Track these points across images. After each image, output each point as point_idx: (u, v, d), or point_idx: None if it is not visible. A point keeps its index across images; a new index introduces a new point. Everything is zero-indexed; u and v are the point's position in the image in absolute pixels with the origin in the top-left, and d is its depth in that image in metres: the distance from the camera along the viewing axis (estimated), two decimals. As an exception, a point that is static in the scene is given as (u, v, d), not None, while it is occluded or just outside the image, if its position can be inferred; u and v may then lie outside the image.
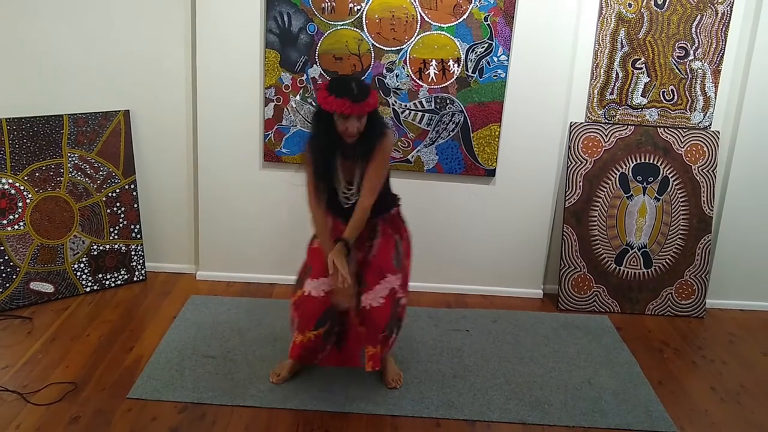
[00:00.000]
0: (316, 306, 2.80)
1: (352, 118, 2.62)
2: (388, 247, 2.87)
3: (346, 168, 2.80)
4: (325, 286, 2.79)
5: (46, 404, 2.79)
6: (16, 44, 3.66)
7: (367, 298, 2.78)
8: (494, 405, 2.95)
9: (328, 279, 2.74)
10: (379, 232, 2.88)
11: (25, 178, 3.54)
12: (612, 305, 3.89)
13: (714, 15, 3.63)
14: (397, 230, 2.95)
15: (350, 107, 2.58)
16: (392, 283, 2.84)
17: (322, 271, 2.79)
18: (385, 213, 2.89)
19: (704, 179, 3.82)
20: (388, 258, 2.85)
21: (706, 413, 3.00)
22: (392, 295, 2.83)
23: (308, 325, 2.83)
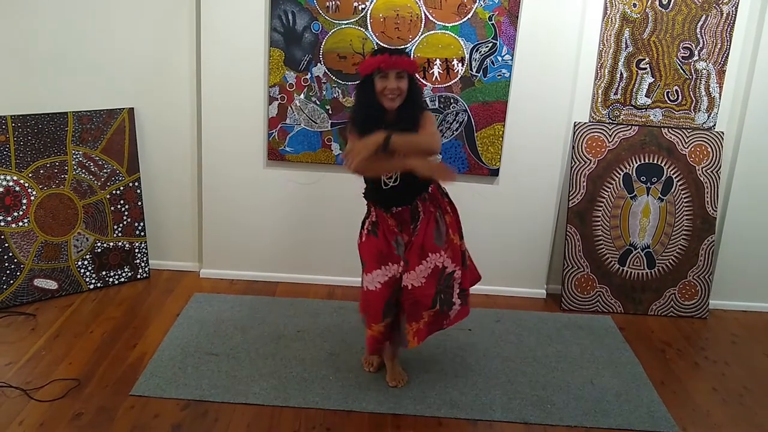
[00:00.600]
0: (375, 299, 2.82)
1: (391, 76, 2.65)
2: (429, 226, 2.83)
3: None
4: (380, 278, 2.80)
5: (50, 401, 2.80)
6: (21, 42, 3.67)
7: (408, 278, 2.79)
8: (496, 404, 2.95)
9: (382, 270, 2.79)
10: (420, 212, 2.84)
11: (30, 175, 3.55)
12: (615, 305, 3.89)
13: (719, 15, 3.62)
14: (438, 206, 2.88)
15: (388, 60, 2.63)
16: (435, 261, 2.82)
17: (373, 265, 2.82)
18: (423, 192, 2.84)
19: (708, 180, 3.81)
20: (429, 237, 2.82)
21: (708, 414, 3.00)
22: (435, 273, 2.82)
23: (375, 319, 2.84)
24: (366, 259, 2.88)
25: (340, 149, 3.76)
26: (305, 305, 3.71)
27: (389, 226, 2.85)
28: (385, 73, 2.65)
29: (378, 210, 2.86)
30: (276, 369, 3.10)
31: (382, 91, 2.67)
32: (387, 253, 2.83)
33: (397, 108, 2.70)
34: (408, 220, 2.84)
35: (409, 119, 2.72)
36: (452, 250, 2.88)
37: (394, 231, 2.84)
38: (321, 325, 3.52)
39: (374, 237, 2.85)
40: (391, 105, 2.69)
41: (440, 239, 2.85)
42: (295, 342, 3.34)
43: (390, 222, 2.84)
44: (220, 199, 3.89)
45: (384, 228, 2.84)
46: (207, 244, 3.99)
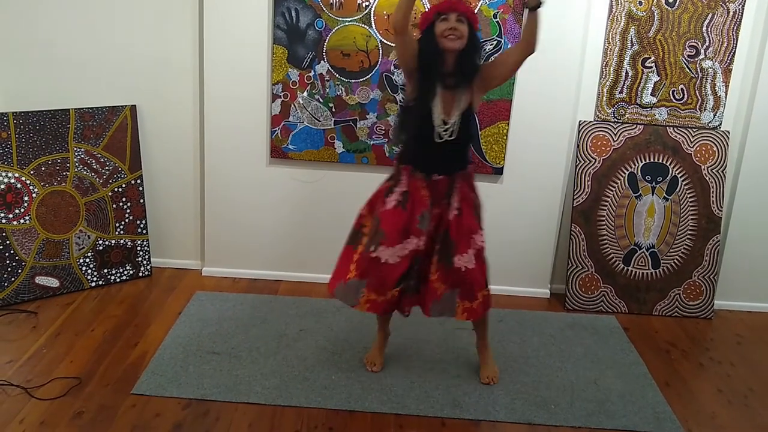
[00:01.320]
0: (393, 272, 2.81)
1: (451, 17, 2.66)
2: (469, 206, 2.85)
3: (447, 100, 2.76)
4: (399, 252, 2.80)
5: (50, 399, 2.78)
6: (23, 38, 3.66)
7: (461, 260, 2.80)
8: (500, 405, 2.93)
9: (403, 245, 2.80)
10: (456, 188, 2.83)
11: (32, 173, 3.54)
12: (619, 305, 3.86)
13: (725, 14, 3.60)
14: (472, 188, 2.92)
15: (449, 3, 2.67)
16: (479, 242, 2.86)
17: (396, 238, 2.80)
18: (463, 168, 2.87)
19: (714, 179, 3.78)
20: (471, 217, 2.85)
21: (714, 415, 2.98)
22: (480, 253, 2.86)
23: (388, 286, 2.84)
24: (388, 231, 2.81)
25: (343, 147, 3.74)
26: (308, 304, 3.69)
27: (421, 197, 2.82)
28: (446, 16, 2.67)
29: (413, 178, 2.83)
30: (278, 368, 3.08)
31: (443, 33, 2.67)
32: (410, 227, 2.82)
33: (457, 56, 2.71)
34: (443, 193, 2.82)
35: (468, 68, 2.75)
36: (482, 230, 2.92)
37: (425, 203, 2.81)
38: (323, 324, 3.50)
39: (401, 209, 2.81)
40: (452, 45, 2.68)
41: (480, 220, 2.89)
42: (298, 341, 3.32)
43: (423, 193, 2.82)
44: (222, 197, 3.87)
45: (415, 200, 2.82)
46: (209, 242, 3.97)
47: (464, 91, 2.77)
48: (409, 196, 2.83)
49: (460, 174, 2.86)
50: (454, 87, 2.76)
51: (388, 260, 2.82)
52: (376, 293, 2.85)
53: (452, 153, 2.82)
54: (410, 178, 2.84)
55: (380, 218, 2.85)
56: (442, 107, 2.76)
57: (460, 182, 2.86)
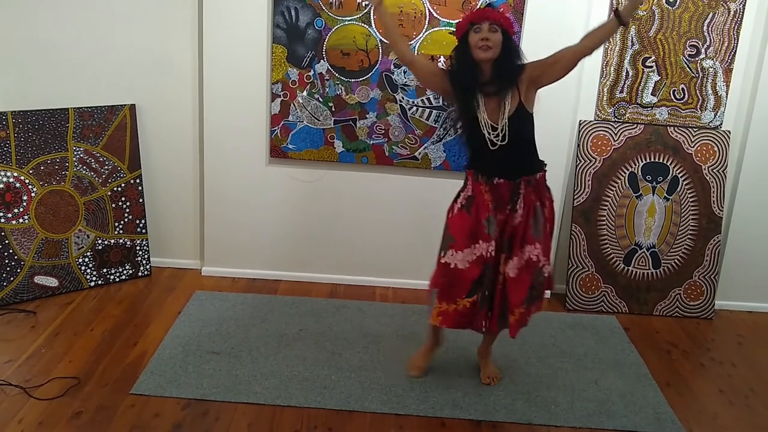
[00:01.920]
0: (465, 277, 2.79)
1: (483, 27, 2.64)
2: (528, 216, 2.79)
3: (490, 107, 2.73)
4: (469, 257, 2.78)
5: (49, 399, 2.77)
6: (22, 37, 3.65)
7: (508, 267, 2.77)
8: (500, 405, 2.92)
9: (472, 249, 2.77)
10: (521, 195, 2.77)
11: (30, 172, 3.53)
12: (620, 305, 3.85)
13: (726, 13, 3.59)
14: (539, 197, 2.82)
15: (479, 12, 2.67)
16: (530, 254, 2.79)
17: (464, 242, 2.78)
18: (530, 174, 2.79)
19: (714, 179, 3.77)
20: (527, 227, 2.79)
21: (715, 416, 2.97)
22: (530, 266, 2.80)
23: (460, 293, 2.81)
24: (456, 236, 2.80)
25: (343, 147, 3.73)
26: (307, 304, 3.68)
27: (484, 201, 2.78)
28: (478, 26, 2.65)
29: (476, 183, 2.80)
30: (277, 368, 3.07)
31: (476, 43, 2.66)
32: (477, 231, 2.78)
33: (493, 64, 2.69)
34: (506, 198, 2.78)
35: (506, 75, 2.71)
36: (544, 244, 2.84)
37: (488, 207, 2.78)
38: (323, 324, 3.49)
39: (467, 213, 2.80)
40: (485, 56, 2.66)
41: (537, 231, 2.80)
42: (297, 341, 3.31)
43: (486, 197, 2.78)
44: (221, 196, 3.86)
45: (478, 203, 2.79)
46: (209, 242, 3.96)
47: (509, 94, 2.72)
48: (473, 200, 2.81)
49: (526, 179, 2.78)
50: (496, 93, 2.73)
51: (457, 265, 2.79)
52: (447, 302, 2.83)
53: (510, 156, 2.75)
54: (474, 183, 2.82)
55: (449, 224, 2.86)
56: (488, 113, 2.73)
57: (526, 188, 2.78)
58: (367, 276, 3.97)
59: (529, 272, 2.80)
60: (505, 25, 2.69)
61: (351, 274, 3.97)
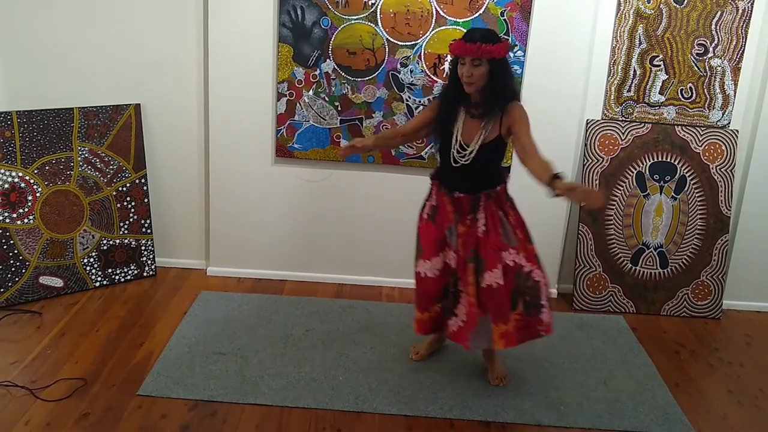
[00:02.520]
0: (432, 286, 2.90)
1: (467, 61, 2.64)
2: (495, 225, 2.81)
3: (469, 127, 2.76)
4: (437, 265, 2.87)
5: (56, 400, 2.76)
6: (27, 37, 3.63)
7: (490, 277, 2.77)
8: (509, 406, 2.90)
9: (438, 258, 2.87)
10: (481, 207, 2.80)
11: (35, 172, 3.51)
12: (627, 305, 3.84)
13: (734, 11, 3.57)
14: (500, 206, 2.85)
15: (460, 47, 2.64)
16: (507, 260, 2.80)
17: (431, 252, 2.88)
18: (490, 188, 2.82)
19: (722, 179, 3.76)
20: (497, 235, 2.81)
21: (725, 417, 2.95)
22: (509, 271, 2.80)
23: (430, 303, 2.94)
24: (423, 245, 2.91)
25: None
26: (313, 304, 3.67)
27: (447, 212, 2.85)
28: (462, 60, 2.66)
29: (440, 193, 2.87)
30: (285, 369, 3.06)
31: (461, 76, 2.68)
32: (442, 240, 2.87)
33: (481, 90, 2.70)
34: (467, 209, 2.82)
35: (492, 102, 2.72)
36: (525, 250, 2.84)
37: (450, 218, 2.85)
38: (329, 324, 3.47)
39: (432, 224, 2.89)
40: (468, 90, 2.70)
41: (509, 238, 2.82)
42: (304, 341, 3.29)
43: (448, 208, 2.84)
44: (227, 196, 3.85)
45: (442, 214, 2.86)
46: (214, 242, 3.95)
47: (490, 122, 2.74)
48: (437, 210, 2.88)
49: (486, 193, 2.81)
50: (480, 117, 2.75)
51: (426, 274, 2.89)
52: (421, 310, 2.96)
53: (472, 176, 2.80)
54: (438, 193, 2.89)
55: (419, 233, 2.96)
56: (464, 133, 2.77)
57: (485, 201, 2.81)
58: (373, 276, 3.95)
59: (508, 277, 2.80)
60: (492, 56, 2.63)
61: (357, 274, 3.95)
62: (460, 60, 2.67)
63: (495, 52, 2.62)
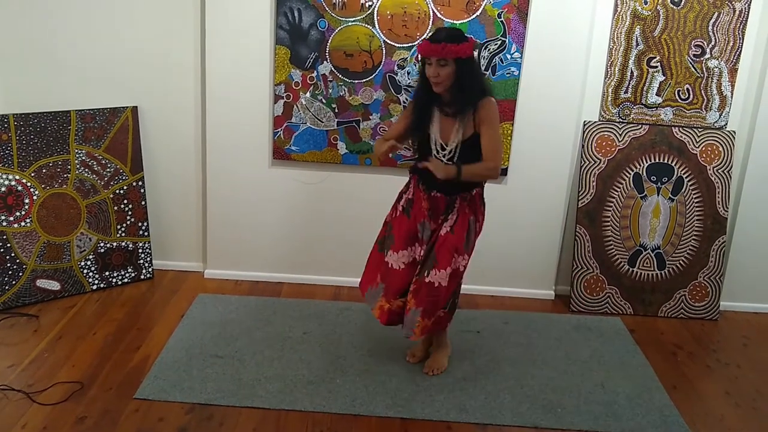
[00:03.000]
0: (399, 278, 2.91)
1: (433, 61, 2.67)
2: (463, 228, 2.85)
3: (445, 126, 2.80)
4: (405, 259, 2.91)
5: (53, 404, 2.76)
6: (24, 40, 3.63)
7: (436, 276, 2.81)
8: (506, 408, 2.90)
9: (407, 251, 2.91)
10: (456, 209, 2.85)
11: (32, 175, 3.51)
12: (624, 307, 3.84)
13: (731, 13, 3.57)
14: (474, 211, 2.89)
15: (427, 48, 2.66)
16: (459, 264, 2.86)
17: (402, 244, 2.91)
18: (466, 192, 2.85)
19: (719, 180, 3.76)
20: (461, 239, 2.84)
21: (722, 418, 2.95)
22: (456, 275, 2.86)
23: (395, 294, 2.92)
24: (395, 235, 2.94)
25: (346, 148, 3.71)
26: (311, 306, 3.67)
27: (421, 208, 2.88)
28: (429, 60, 2.69)
29: (417, 189, 2.90)
30: (282, 372, 3.05)
31: (429, 77, 2.71)
32: (414, 234, 2.91)
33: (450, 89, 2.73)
34: (441, 209, 2.86)
35: (461, 100, 2.74)
36: (469, 257, 2.93)
37: (424, 214, 2.88)
38: (327, 327, 3.47)
39: (407, 217, 2.92)
40: (436, 89, 2.73)
41: (468, 244, 2.88)
42: (301, 344, 3.29)
43: (424, 204, 2.88)
44: (224, 198, 3.84)
45: (417, 209, 2.90)
46: (211, 245, 3.94)
47: (466, 120, 2.76)
48: (413, 204, 2.92)
49: (461, 196, 2.84)
50: (453, 115, 2.78)
51: (392, 265, 2.92)
52: (386, 299, 2.94)
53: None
54: (415, 188, 2.92)
55: (392, 224, 2.98)
56: (441, 132, 2.81)
57: (461, 203, 2.85)
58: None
59: (453, 281, 2.86)
60: (457, 55, 2.65)
61: (355, 277, 3.91)
62: (427, 60, 2.69)
63: (460, 51, 2.65)
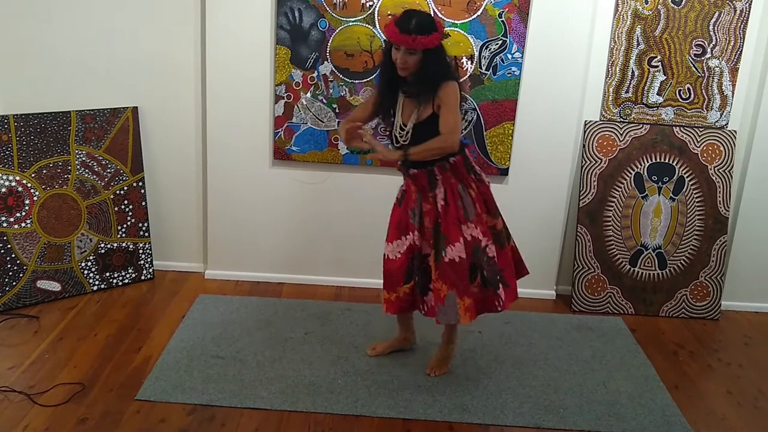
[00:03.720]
0: (394, 267, 2.94)
1: (401, 49, 2.66)
2: (455, 197, 2.83)
3: (407, 107, 2.81)
4: (400, 248, 2.93)
5: (54, 405, 2.75)
6: (24, 40, 3.62)
7: (453, 252, 2.80)
8: (508, 408, 2.90)
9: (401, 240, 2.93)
10: (439, 181, 2.83)
11: (33, 176, 3.50)
12: (626, 307, 3.83)
13: (732, 12, 3.57)
14: (461, 179, 2.85)
15: (397, 37, 2.64)
16: (466, 233, 2.83)
17: (395, 234, 2.95)
18: (442, 161, 2.81)
19: (720, 179, 3.75)
20: (458, 208, 2.83)
21: (723, 418, 2.95)
22: (468, 245, 2.83)
23: (398, 282, 2.94)
24: (389, 229, 2.98)
25: (347, 149, 3.71)
26: (312, 307, 3.66)
27: (411, 193, 2.90)
28: (397, 47, 2.68)
29: (404, 175, 2.94)
30: (283, 372, 3.05)
31: (395, 61, 2.71)
32: (405, 222, 2.93)
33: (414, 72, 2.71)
34: (426, 186, 2.85)
35: (424, 83, 2.72)
36: (482, 224, 2.86)
37: (413, 198, 2.90)
38: (328, 327, 3.46)
39: (398, 206, 2.97)
40: (402, 74, 2.73)
41: (468, 213, 2.84)
42: (303, 345, 3.29)
43: (412, 188, 2.89)
44: (225, 199, 3.84)
45: (407, 196, 2.92)
46: (212, 245, 3.94)
47: (426, 103, 2.75)
48: (405, 193, 2.95)
49: (438, 166, 2.81)
50: (415, 97, 2.77)
51: (388, 255, 2.96)
52: (388, 291, 2.97)
53: None
54: (404, 176, 2.95)
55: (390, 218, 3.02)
56: (403, 113, 2.83)
57: (443, 174, 2.82)
58: (372, 278, 3.93)
59: (467, 251, 2.83)
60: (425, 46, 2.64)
61: (356, 277, 3.94)
62: (395, 45, 2.68)
63: (429, 43, 2.65)
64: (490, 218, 2.92)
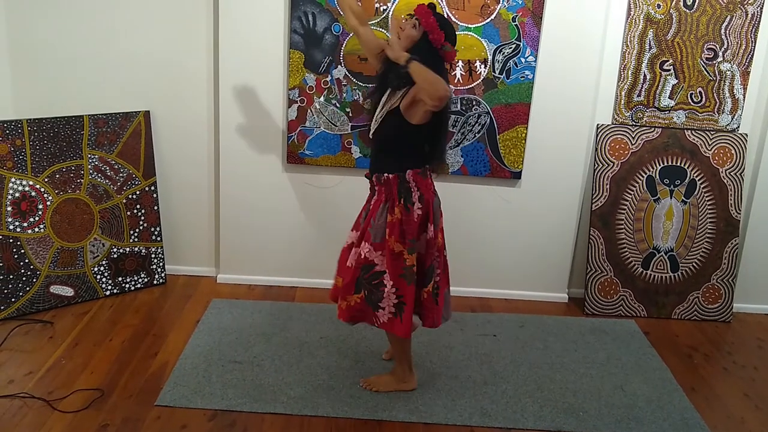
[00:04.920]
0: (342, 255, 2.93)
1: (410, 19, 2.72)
2: (373, 213, 2.79)
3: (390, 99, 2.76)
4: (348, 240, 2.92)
5: (74, 411, 2.73)
6: (37, 45, 3.61)
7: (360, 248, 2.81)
8: (528, 412, 2.90)
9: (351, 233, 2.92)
10: (375, 190, 2.83)
11: (46, 180, 3.49)
12: (638, 309, 3.84)
13: (744, 16, 3.58)
14: (389, 198, 2.75)
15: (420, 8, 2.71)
16: (361, 249, 2.78)
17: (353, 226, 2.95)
18: (380, 172, 2.77)
19: (732, 182, 3.77)
20: (368, 223, 2.81)
21: (742, 421, 2.96)
22: (358, 261, 2.78)
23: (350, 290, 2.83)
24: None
25: (360, 152, 3.71)
26: (326, 311, 3.65)
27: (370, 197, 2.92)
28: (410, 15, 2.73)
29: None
30: (302, 377, 3.04)
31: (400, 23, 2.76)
32: (357, 221, 2.94)
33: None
34: (373, 191, 2.87)
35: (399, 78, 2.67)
36: (388, 253, 2.73)
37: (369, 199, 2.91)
38: (343, 331, 3.46)
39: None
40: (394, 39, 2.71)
41: (375, 234, 2.75)
42: (319, 349, 3.28)
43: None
44: (237, 203, 3.83)
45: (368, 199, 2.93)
46: (224, 249, 3.93)
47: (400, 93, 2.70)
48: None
49: (377, 176, 2.78)
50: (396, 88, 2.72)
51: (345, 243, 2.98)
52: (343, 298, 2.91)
53: (373, 149, 2.89)
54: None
55: None
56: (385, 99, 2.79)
57: (378, 186, 2.79)
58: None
59: (357, 266, 2.79)
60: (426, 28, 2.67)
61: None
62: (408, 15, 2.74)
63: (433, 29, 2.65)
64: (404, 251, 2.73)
